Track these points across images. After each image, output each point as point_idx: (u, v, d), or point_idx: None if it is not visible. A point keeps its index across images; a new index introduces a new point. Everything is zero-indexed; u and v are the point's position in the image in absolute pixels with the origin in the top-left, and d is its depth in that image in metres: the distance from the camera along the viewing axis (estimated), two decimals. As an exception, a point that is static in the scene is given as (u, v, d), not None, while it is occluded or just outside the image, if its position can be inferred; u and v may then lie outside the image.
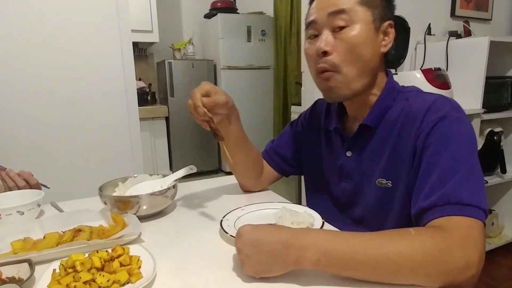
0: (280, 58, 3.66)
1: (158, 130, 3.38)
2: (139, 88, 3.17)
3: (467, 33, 2.13)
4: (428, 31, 2.00)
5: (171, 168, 3.56)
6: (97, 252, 0.57)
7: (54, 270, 0.55)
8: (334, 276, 0.52)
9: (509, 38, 1.90)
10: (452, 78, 1.71)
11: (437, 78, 1.64)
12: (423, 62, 1.93)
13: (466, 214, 0.54)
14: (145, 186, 0.86)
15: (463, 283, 0.49)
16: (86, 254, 0.57)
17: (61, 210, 0.87)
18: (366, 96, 0.73)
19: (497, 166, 1.98)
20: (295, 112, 2.59)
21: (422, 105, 0.66)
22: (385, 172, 0.70)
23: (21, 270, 0.55)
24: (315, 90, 0.76)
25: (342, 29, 0.67)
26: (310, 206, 0.79)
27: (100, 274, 0.52)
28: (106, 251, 0.58)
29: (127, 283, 0.53)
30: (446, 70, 1.80)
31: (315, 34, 0.71)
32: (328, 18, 0.67)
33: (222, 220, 0.73)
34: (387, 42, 0.71)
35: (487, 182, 1.93)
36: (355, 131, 0.75)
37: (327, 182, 0.84)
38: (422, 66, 1.91)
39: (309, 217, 0.70)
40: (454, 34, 2.03)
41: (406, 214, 0.65)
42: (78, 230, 0.68)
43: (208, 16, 3.82)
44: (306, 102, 1.99)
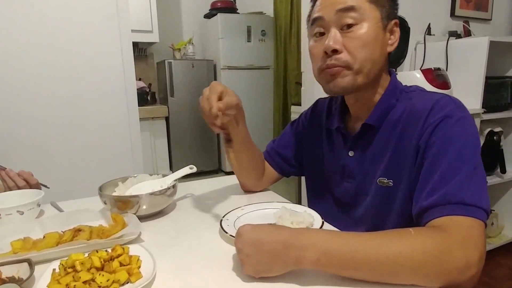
0: (280, 58, 3.65)
1: (158, 130, 3.37)
2: (139, 88, 3.17)
3: (467, 33, 2.13)
4: (428, 31, 2.00)
5: (171, 168, 3.56)
6: (96, 251, 0.57)
7: (54, 270, 0.55)
8: (334, 276, 0.52)
9: (509, 38, 1.90)
10: (452, 78, 1.71)
11: (436, 78, 1.64)
12: (423, 62, 1.93)
13: (467, 214, 0.53)
14: (145, 186, 0.86)
15: (463, 283, 0.49)
16: (86, 254, 0.57)
17: (61, 210, 0.87)
18: (369, 95, 0.73)
19: (497, 166, 1.98)
20: (295, 112, 2.58)
21: (426, 104, 0.65)
22: (386, 171, 0.69)
23: (20, 270, 0.55)
24: (315, 90, 0.76)
25: (350, 27, 0.65)
26: (311, 207, 0.78)
27: (99, 274, 0.52)
28: (105, 251, 0.58)
29: (127, 283, 0.53)
30: (446, 70, 1.80)
31: (321, 31, 0.69)
32: (336, 15, 0.65)
33: (222, 220, 0.73)
34: (393, 41, 0.70)
35: (487, 182, 1.92)
36: (358, 131, 0.74)
37: (329, 182, 0.83)
38: (422, 66, 1.91)
39: (309, 216, 0.70)
40: (454, 34, 2.03)
41: (406, 213, 0.65)
42: (78, 230, 0.68)
43: (208, 16, 3.81)
44: (306, 102, 1.99)
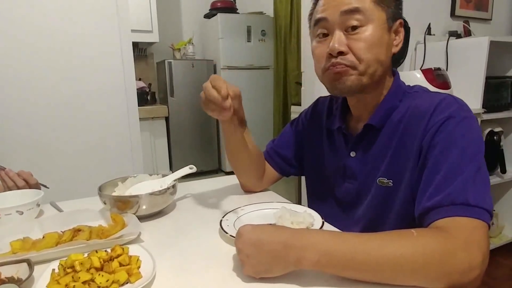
0: (280, 58, 3.65)
1: (158, 130, 3.37)
2: (139, 88, 3.17)
3: (467, 33, 2.13)
4: (428, 31, 2.00)
5: (171, 168, 3.56)
6: (96, 252, 0.56)
7: (53, 270, 0.55)
8: (334, 276, 0.52)
9: (509, 38, 1.90)
10: (452, 78, 1.71)
11: (437, 78, 1.64)
12: (423, 62, 1.93)
13: (471, 215, 0.53)
14: (144, 186, 0.86)
15: (466, 285, 0.49)
16: (85, 254, 0.57)
17: (60, 210, 0.87)
18: (372, 96, 0.72)
19: (497, 166, 1.97)
20: (295, 112, 2.58)
21: (429, 104, 0.64)
22: (386, 171, 0.69)
23: (20, 270, 0.55)
24: (315, 90, 0.76)
25: (355, 29, 0.64)
26: (312, 207, 0.78)
27: (99, 274, 0.52)
28: (105, 251, 0.58)
29: (126, 283, 0.53)
30: (446, 70, 1.80)
31: (324, 32, 0.68)
32: (340, 16, 0.64)
33: (221, 220, 0.73)
34: (398, 42, 0.69)
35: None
36: (360, 131, 0.73)
37: (329, 182, 0.82)
38: (422, 66, 1.91)
39: (309, 217, 0.70)
40: (454, 34, 2.03)
41: (406, 214, 0.65)
42: (78, 230, 0.68)
43: (208, 16, 3.81)
44: (306, 102, 1.99)
